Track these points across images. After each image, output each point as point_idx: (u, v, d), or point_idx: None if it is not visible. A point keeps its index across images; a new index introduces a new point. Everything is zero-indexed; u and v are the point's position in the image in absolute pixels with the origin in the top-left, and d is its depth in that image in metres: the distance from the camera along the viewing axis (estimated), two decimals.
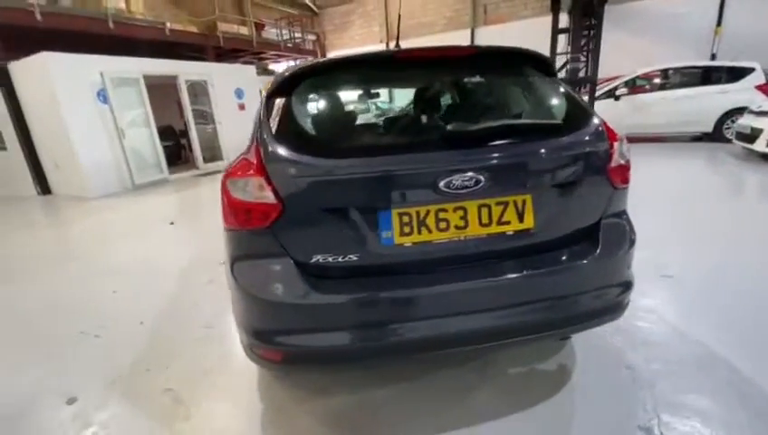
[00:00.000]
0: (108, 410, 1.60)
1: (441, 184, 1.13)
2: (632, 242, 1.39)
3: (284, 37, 12.42)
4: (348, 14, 15.23)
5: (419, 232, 1.19)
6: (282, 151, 1.18)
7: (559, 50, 8.13)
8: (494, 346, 1.44)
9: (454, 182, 1.13)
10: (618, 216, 1.40)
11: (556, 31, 8.10)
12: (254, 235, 1.21)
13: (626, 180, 1.39)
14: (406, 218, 1.18)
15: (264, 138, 1.24)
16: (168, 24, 8.53)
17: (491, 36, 12.66)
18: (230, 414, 1.55)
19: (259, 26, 13.00)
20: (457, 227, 1.20)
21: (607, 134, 1.32)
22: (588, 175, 1.28)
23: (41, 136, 6.35)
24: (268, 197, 1.16)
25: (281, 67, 14.07)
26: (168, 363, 1.86)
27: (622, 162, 1.35)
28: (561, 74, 7.60)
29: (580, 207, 1.32)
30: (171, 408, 1.59)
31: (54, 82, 5.59)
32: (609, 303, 1.34)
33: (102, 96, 6.13)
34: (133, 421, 1.54)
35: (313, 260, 1.19)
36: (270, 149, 1.19)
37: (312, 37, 15.17)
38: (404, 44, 1.45)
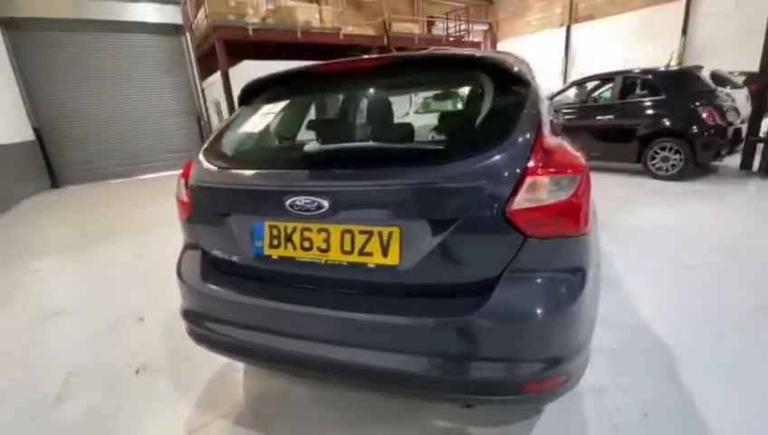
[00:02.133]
0: None
1: (287, 203, 1.12)
2: (568, 310, 1.03)
3: (451, 30, 12.51)
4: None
5: (285, 247, 1.20)
6: (199, 157, 1.39)
7: None
8: (364, 386, 1.28)
9: (297, 203, 1.10)
10: (548, 272, 1.05)
11: None
12: (183, 225, 1.47)
13: (558, 228, 1.02)
14: (275, 231, 1.21)
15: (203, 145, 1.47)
16: (343, 30, 9.85)
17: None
18: None
19: (430, 23, 13.50)
20: (320, 250, 1.16)
21: (523, 165, 1.00)
22: (477, 214, 1.01)
23: None
24: (183, 196, 1.39)
25: None
26: None
27: (540, 204, 1.00)
28: None
29: (467, 253, 1.06)
30: None
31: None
32: (503, 379, 1.04)
33: None
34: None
35: (213, 254, 1.37)
36: (196, 155, 1.42)
37: (482, 27, 14.76)
38: (587, 25, 1.33)
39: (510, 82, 1.20)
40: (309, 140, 1.42)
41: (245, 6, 8.36)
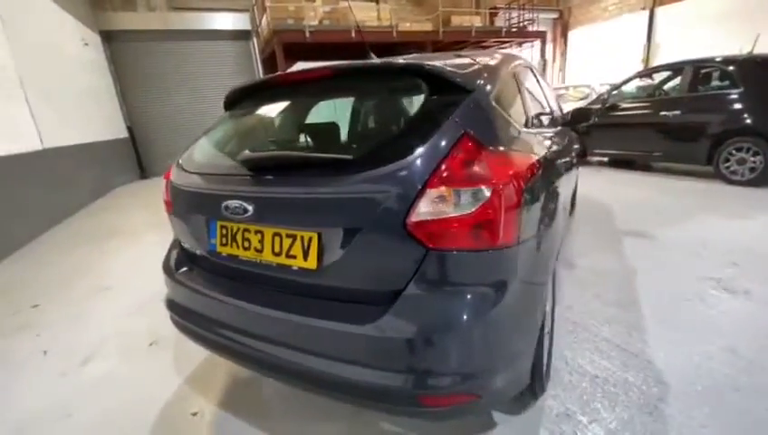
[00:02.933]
0: None
1: (223, 206, 1.23)
2: (473, 327, 1.01)
3: (513, 21, 11.88)
4: None
5: (231, 245, 1.32)
6: (179, 160, 1.56)
7: None
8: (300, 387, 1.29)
9: (229, 206, 1.21)
10: (454, 286, 1.03)
11: None
12: (169, 220, 1.66)
13: (466, 242, 1.00)
14: (224, 230, 1.34)
15: None
16: (400, 27, 9.89)
17: None
18: None
19: (492, 14, 12.94)
20: (256, 250, 1.26)
21: (426, 176, 0.99)
22: (380, 225, 1.03)
23: None
24: (165, 194, 1.58)
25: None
26: None
27: (442, 217, 0.98)
28: None
29: (374, 263, 1.08)
30: None
31: None
32: (398, 389, 1.04)
33: None
34: None
35: (185, 247, 1.54)
36: (178, 157, 1.59)
37: (551, 16, 13.80)
38: (675, 7, 1.29)
39: (443, 91, 1.17)
40: (260, 147, 1.52)
41: (304, 11, 8.79)
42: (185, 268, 1.53)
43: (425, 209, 0.98)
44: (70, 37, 7.24)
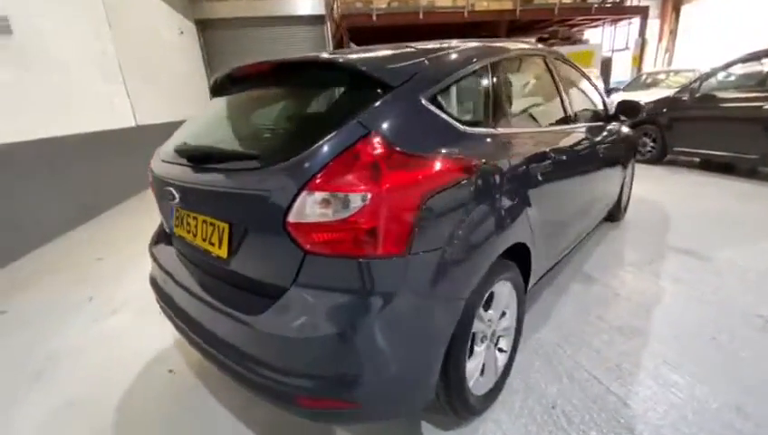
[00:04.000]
0: None
1: (167, 191, 1.34)
2: (348, 335, 0.99)
3: None
4: None
5: (180, 227, 1.44)
6: (160, 148, 1.72)
7: None
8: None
9: (168, 192, 1.32)
10: (331, 292, 1.02)
11: None
12: None
13: (346, 248, 0.98)
14: (177, 213, 1.46)
15: None
16: (476, 6, 9.36)
17: None
18: None
19: None
20: (192, 234, 1.36)
21: (308, 177, 0.97)
22: (267, 222, 1.04)
23: None
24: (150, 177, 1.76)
25: (595, 35, 12.10)
26: None
27: (319, 220, 0.96)
28: None
29: (267, 259, 1.10)
30: None
31: None
32: (275, 386, 1.07)
33: None
34: None
35: (164, 226, 1.72)
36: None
37: None
38: None
39: (362, 87, 1.12)
40: (202, 138, 1.57)
41: None
42: (160, 245, 1.71)
43: (301, 211, 0.98)
44: (167, 26, 8.20)
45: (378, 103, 1.08)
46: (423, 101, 1.17)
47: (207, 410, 1.61)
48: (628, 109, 2.66)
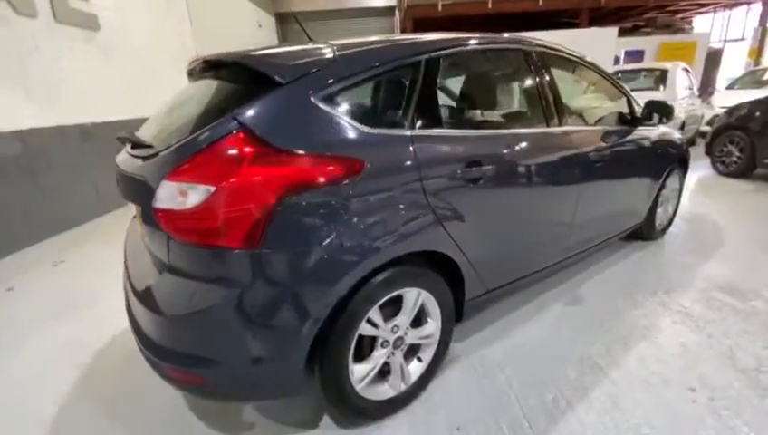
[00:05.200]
0: None
1: None
2: (190, 316, 1.08)
3: None
4: None
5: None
6: None
7: None
8: None
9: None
10: (186, 277, 1.11)
11: None
12: None
13: (196, 237, 1.05)
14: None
15: None
16: None
17: None
18: None
19: None
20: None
21: (170, 167, 1.05)
22: (148, 206, 1.13)
23: None
24: None
25: (701, 23, 10.28)
26: None
27: (173, 208, 1.04)
28: None
29: (154, 241, 1.21)
30: None
31: None
32: (152, 354, 1.16)
33: None
34: None
35: None
36: None
37: None
38: None
39: (256, 83, 1.15)
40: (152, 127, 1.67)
41: None
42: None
43: (162, 198, 1.06)
44: (246, 20, 8.94)
45: (260, 99, 1.11)
46: (313, 99, 1.16)
47: None
48: (656, 110, 2.30)
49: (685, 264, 2.61)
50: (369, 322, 1.30)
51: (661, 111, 2.31)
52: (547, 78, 1.85)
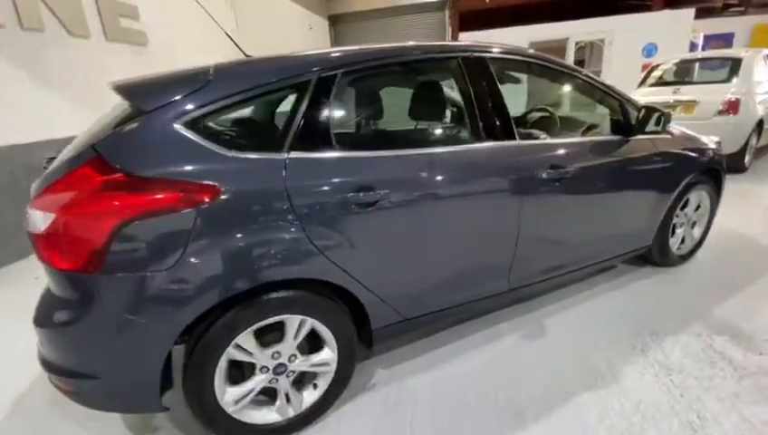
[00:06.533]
0: None
1: None
2: (45, 329, 1.19)
3: None
4: None
5: None
6: None
7: None
8: None
9: None
10: (50, 292, 1.21)
11: None
12: None
13: (43, 256, 1.13)
14: None
15: None
16: None
17: None
18: None
19: None
20: None
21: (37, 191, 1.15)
22: None
23: None
24: None
25: None
26: None
27: (34, 230, 1.13)
28: None
29: None
30: None
31: None
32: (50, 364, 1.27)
33: None
34: None
35: None
36: None
37: None
38: None
39: (132, 111, 1.21)
40: None
41: None
42: None
43: (28, 220, 1.16)
44: (296, 23, 9.31)
45: (124, 127, 1.17)
46: (176, 126, 1.18)
47: None
48: (649, 117, 1.95)
49: (693, 300, 2.18)
50: (240, 347, 1.30)
51: (655, 118, 1.96)
52: (486, 88, 1.65)
